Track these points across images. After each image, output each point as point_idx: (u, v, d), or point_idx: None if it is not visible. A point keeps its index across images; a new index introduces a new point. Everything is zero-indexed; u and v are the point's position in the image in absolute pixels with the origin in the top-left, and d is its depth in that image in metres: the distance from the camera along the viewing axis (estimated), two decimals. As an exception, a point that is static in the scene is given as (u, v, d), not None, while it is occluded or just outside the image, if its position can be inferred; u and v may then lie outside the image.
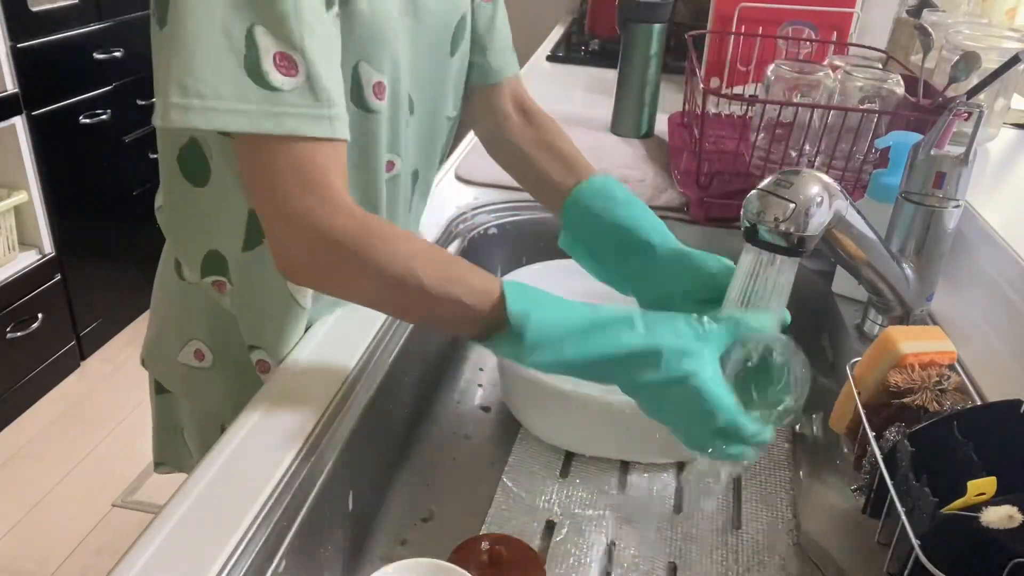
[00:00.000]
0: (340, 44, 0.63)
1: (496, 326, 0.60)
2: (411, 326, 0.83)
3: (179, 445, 0.92)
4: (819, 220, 0.61)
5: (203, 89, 0.55)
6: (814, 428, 0.89)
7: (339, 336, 0.78)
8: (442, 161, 0.91)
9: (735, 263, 0.65)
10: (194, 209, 0.74)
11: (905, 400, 0.65)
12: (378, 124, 0.72)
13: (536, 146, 0.86)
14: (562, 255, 0.82)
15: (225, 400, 0.81)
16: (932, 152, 0.77)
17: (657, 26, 1.34)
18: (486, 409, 0.91)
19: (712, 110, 1.38)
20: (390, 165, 0.77)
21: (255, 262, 0.73)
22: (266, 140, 0.57)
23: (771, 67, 1.15)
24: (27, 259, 2.20)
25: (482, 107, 0.89)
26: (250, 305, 0.76)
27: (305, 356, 0.75)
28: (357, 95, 0.70)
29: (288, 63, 0.57)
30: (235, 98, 0.56)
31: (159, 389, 0.90)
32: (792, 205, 0.59)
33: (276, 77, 0.56)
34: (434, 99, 0.81)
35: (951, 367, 0.69)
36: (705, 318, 0.61)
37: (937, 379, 0.66)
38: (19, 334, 2.17)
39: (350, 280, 0.61)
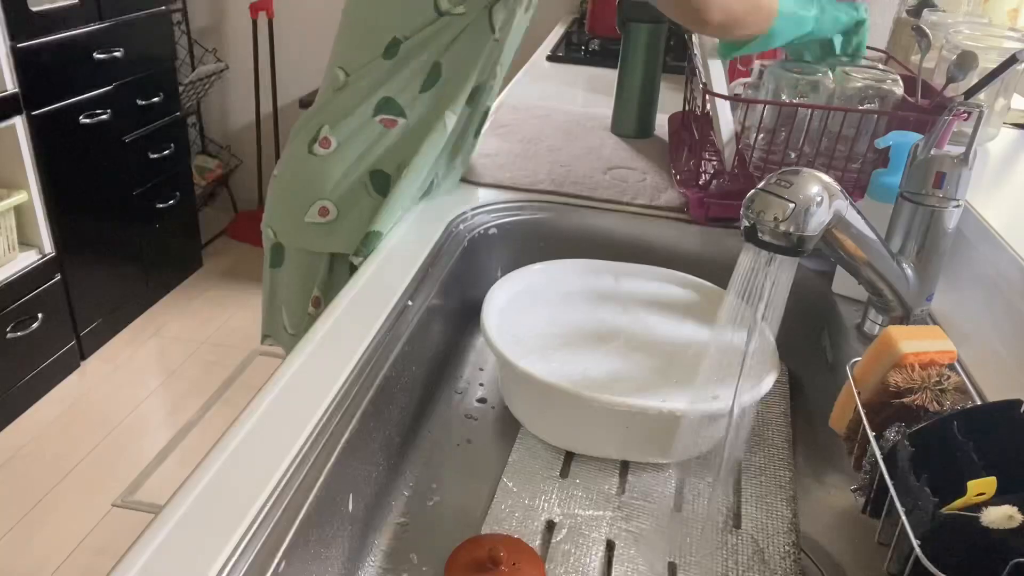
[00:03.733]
0: None
1: None
2: (411, 327, 0.83)
3: (279, 322, 1.11)
4: (819, 220, 0.61)
5: None
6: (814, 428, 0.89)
7: (339, 336, 0.78)
8: None
9: (735, 263, 0.65)
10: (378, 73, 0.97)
11: (905, 400, 0.65)
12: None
13: None
14: (562, 255, 0.82)
15: (334, 252, 1.02)
16: (932, 152, 0.77)
17: (657, 26, 1.34)
18: (485, 406, 0.91)
19: (712, 110, 1.38)
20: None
21: (429, 101, 0.97)
22: None
23: (769, 67, 1.15)
24: (27, 259, 2.20)
25: None
26: (413, 137, 0.98)
27: (305, 356, 0.75)
28: None
29: None
30: None
31: (273, 262, 1.07)
32: (792, 205, 0.59)
33: None
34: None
35: (951, 367, 0.69)
36: None
37: (937, 379, 0.66)
38: (19, 334, 2.17)
39: None
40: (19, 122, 2.10)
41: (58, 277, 2.30)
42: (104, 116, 2.39)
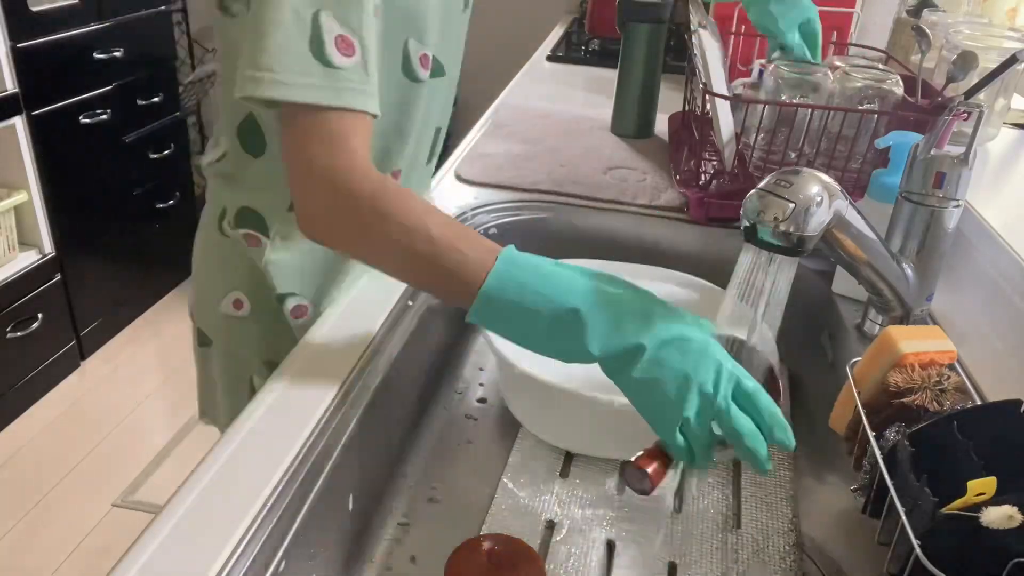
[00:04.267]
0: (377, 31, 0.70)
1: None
2: (410, 327, 0.83)
3: (216, 399, 0.98)
4: (819, 220, 0.61)
5: (273, 64, 0.62)
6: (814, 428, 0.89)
7: (338, 337, 0.78)
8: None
9: (735, 263, 0.65)
10: (246, 173, 0.83)
11: (905, 400, 0.65)
12: (421, 92, 0.82)
13: None
14: (562, 255, 0.82)
15: (258, 349, 0.89)
16: (932, 152, 0.77)
17: (657, 26, 1.34)
18: (485, 406, 0.91)
19: (712, 110, 1.38)
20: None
21: None
22: (307, 109, 0.64)
23: (769, 67, 1.15)
24: (27, 259, 2.20)
25: None
26: (292, 256, 0.83)
27: (304, 357, 0.75)
28: (407, 68, 0.79)
29: (347, 45, 0.64)
30: (300, 73, 0.62)
31: (201, 341, 0.96)
32: (792, 205, 0.59)
33: (336, 57, 0.64)
34: (454, 58, 0.89)
35: (951, 367, 0.69)
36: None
37: (937, 379, 0.66)
38: (19, 334, 2.17)
39: (364, 231, 0.65)
40: (19, 122, 2.10)
41: (58, 277, 2.30)
42: (104, 116, 2.39)
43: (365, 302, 0.84)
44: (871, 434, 0.64)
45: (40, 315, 2.24)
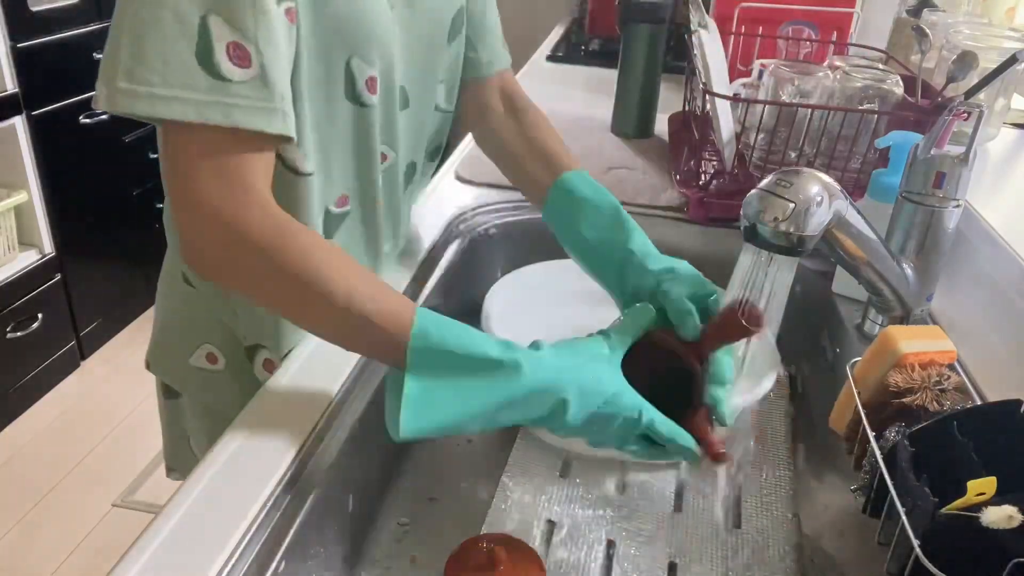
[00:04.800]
0: (287, 40, 0.61)
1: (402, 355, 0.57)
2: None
3: (187, 452, 0.91)
4: (819, 220, 0.61)
5: (150, 76, 0.54)
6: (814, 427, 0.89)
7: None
8: (436, 154, 0.92)
9: (735, 263, 0.65)
10: None
11: (905, 400, 0.65)
12: (372, 117, 0.73)
13: (518, 140, 0.86)
14: (562, 255, 0.82)
15: (239, 400, 0.79)
16: (932, 152, 0.77)
17: (657, 26, 1.34)
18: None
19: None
20: (383, 156, 0.77)
21: None
22: (192, 128, 0.56)
23: (770, 66, 1.15)
24: (27, 259, 2.20)
25: (469, 99, 0.90)
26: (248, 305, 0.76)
27: (305, 357, 0.75)
28: (351, 90, 0.70)
29: (241, 54, 0.56)
30: (182, 86, 0.54)
31: (168, 394, 0.89)
32: (792, 205, 0.59)
33: (228, 67, 0.55)
34: (425, 90, 0.81)
35: (951, 367, 0.69)
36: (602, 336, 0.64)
37: (937, 379, 0.66)
38: (19, 334, 2.17)
39: (254, 279, 0.59)
40: (19, 122, 2.10)
41: (58, 277, 2.30)
42: (104, 116, 2.38)
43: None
44: (871, 434, 0.64)
45: (40, 315, 2.24)
